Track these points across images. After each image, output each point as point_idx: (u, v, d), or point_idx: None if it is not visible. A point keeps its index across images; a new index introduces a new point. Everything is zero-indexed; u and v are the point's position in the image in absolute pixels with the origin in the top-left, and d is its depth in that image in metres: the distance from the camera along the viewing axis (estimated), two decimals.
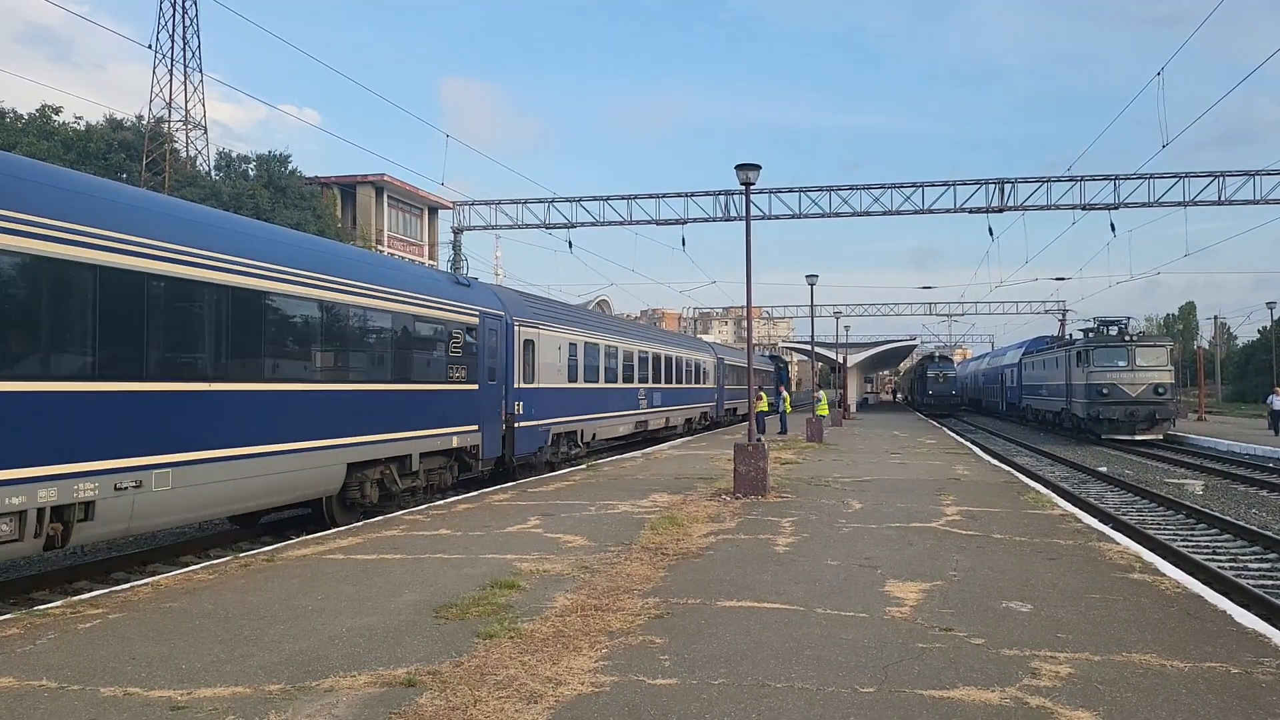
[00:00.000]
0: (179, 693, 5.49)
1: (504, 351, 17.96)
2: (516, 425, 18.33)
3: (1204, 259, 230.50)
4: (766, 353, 72.29)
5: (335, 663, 6.06)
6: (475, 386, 16.59)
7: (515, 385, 18.44)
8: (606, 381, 24.83)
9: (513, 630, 6.76)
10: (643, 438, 29.92)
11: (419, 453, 14.65)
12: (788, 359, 77.24)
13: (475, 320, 16.65)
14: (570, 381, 21.96)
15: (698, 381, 37.02)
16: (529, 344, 19.28)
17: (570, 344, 22.04)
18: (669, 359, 32.29)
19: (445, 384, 15.52)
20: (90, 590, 9.29)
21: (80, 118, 39.68)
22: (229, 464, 10.40)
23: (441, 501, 14.53)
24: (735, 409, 43.65)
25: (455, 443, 15.81)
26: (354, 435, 12.88)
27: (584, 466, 20.56)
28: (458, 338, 15.92)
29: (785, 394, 39.76)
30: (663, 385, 31.10)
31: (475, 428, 16.54)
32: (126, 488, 8.94)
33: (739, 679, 5.74)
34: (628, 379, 27.05)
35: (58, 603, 7.97)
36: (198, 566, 9.58)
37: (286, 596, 7.96)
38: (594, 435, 23.93)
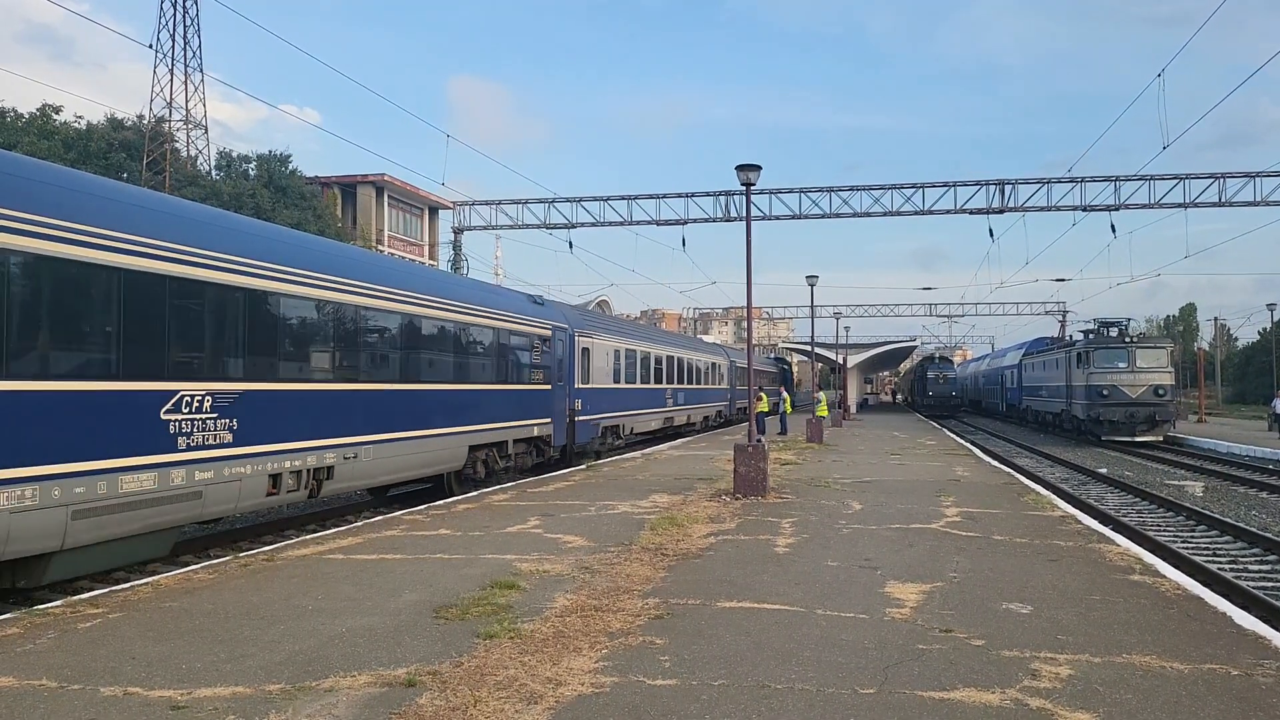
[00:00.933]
0: (179, 692, 5.49)
1: (568, 358, 21.57)
2: (577, 419, 21.95)
3: (1208, 262, 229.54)
4: (773, 355, 72.82)
5: (335, 663, 6.07)
6: (549, 387, 20.24)
7: (576, 386, 22.00)
8: (641, 382, 28.41)
9: (513, 630, 6.76)
10: (668, 432, 32.91)
11: (513, 439, 18.28)
12: (788, 360, 77.38)
13: (549, 333, 20.34)
14: (615, 383, 25.63)
15: (713, 382, 40.12)
16: (585, 351, 22.89)
17: (615, 350, 25.69)
18: (689, 362, 35.46)
19: (529, 385, 19.28)
20: (90, 590, 9.28)
21: (81, 117, 39.68)
22: (401, 443, 14.04)
23: (441, 502, 14.55)
24: (745, 407, 44.16)
25: (535, 432, 19.46)
26: (473, 424, 16.52)
27: (584, 467, 20.58)
28: (537, 347, 19.69)
29: (786, 395, 39.76)
30: (685, 386, 34.39)
31: (549, 420, 20.18)
32: (349, 457, 12.68)
33: (739, 680, 5.75)
34: (658, 380, 30.48)
35: (58, 602, 7.98)
36: (197, 566, 9.58)
37: (286, 596, 7.96)
38: (631, 429, 27.32)
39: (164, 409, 9.59)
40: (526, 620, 7.08)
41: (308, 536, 11.52)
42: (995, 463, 23.15)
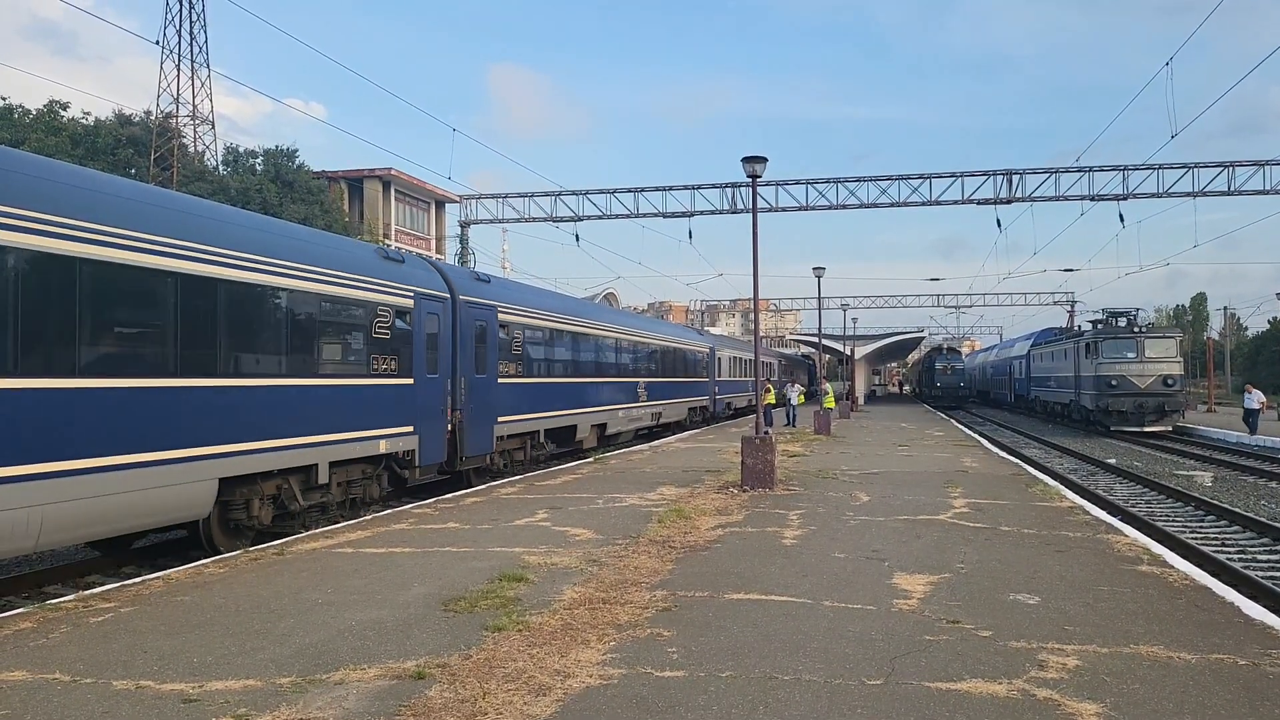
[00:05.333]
0: (191, 685, 5.53)
1: (712, 364, 38.74)
2: (716, 397, 39.16)
3: (1226, 250, 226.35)
4: (800, 351, 75.31)
5: (345, 655, 6.11)
6: (707, 380, 37.91)
7: (715, 379, 39.06)
8: (738, 376, 44.67)
9: (521, 623, 6.79)
10: (747, 408, 47.56)
11: (697, 406, 35.84)
12: (811, 357, 77.95)
13: (706, 350, 38.13)
14: (728, 377, 42.40)
15: (768, 375, 53.74)
16: (719, 359, 39.99)
17: (729, 357, 42.74)
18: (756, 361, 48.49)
19: (698, 378, 36.26)
20: (102, 584, 9.37)
21: (88, 113, 39.76)
22: (673, 405, 31.59)
23: (449, 495, 14.60)
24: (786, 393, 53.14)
25: (703, 403, 36.97)
26: (687, 398, 34.00)
27: (591, 460, 20.63)
28: (704, 359, 37.43)
29: (799, 387, 39.76)
30: (750, 378, 48.23)
31: (707, 398, 37.65)
32: (664, 410, 30.39)
33: (746, 671, 5.77)
34: (744, 375, 46.31)
35: (70, 596, 8.04)
36: (208, 560, 9.64)
37: (296, 590, 8.01)
38: (734, 406, 43.99)
39: (637, 388, 26.87)
40: (535, 613, 7.12)
41: (317, 531, 11.57)
42: (1003, 453, 23.12)
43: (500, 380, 17.29)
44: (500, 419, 17.26)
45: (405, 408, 13.93)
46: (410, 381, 14.12)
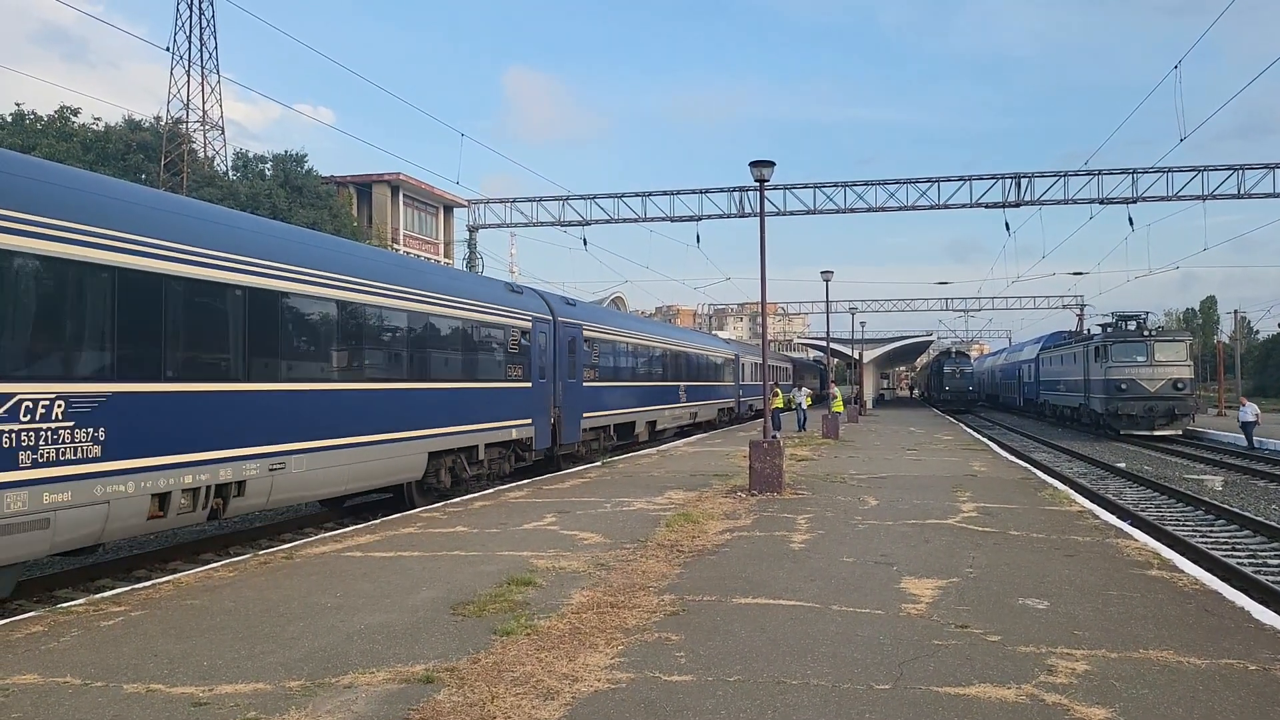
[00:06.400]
0: (201, 689, 5.56)
1: (736, 368, 41.80)
2: (740, 399, 42.31)
3: (1238, 253, 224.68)
4: (811, 356, 77.06)
5: (354, 659, 6.13)
6: (732, 384, 40.86)
7: (739, 383, 42.26)
8: (756, 380, 47.14)
9: (529, 627, 6.80)
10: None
11: (729, 406, 39.69)
12: (823, 362, 78.22)
13: (733, 357, 41.34)
14: (749, 381, 45.08)
15: (785, 378, 58.95)
16: (742, 365, 43.15)
17: (750, 362, 45.48)
18: (778, 367, 55.46)
19: (725, 382, 39.35)
20: (112, 588, 9.41)
21: (99, 119, 40.01)
22: (706, 406, 35.19)
23: (458, 499, 14.64)
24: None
25: (729, 405, 39.89)
26: (718, 399, 37.87)
27: (599, 464, 20.66)
28: (730, 366, 40.58)
29: (806, 391, 39.82)
30: (770, 382, 50.10)
31: (733, 400, 40.79)
32: (686, 413, 31.87)
33: (754, 676, 5.77)
34: (760, 379, 47.04)
35: (80, 600, 8.08)
36: (218, 564, 9.68)
37: (305, 594, 8.04)
38: (755, 407, 45.21)
39: (679, 391, 30.61)
40: (543, 617, 7.13)
41: (326, 534, 11.61)
42: (1012, 458, 23.04)
43: (585, 384, 21.45)
44: (585, 415, 21.26)
45: (525, 405, 17.99)
46: (529, 385, 18.17)
